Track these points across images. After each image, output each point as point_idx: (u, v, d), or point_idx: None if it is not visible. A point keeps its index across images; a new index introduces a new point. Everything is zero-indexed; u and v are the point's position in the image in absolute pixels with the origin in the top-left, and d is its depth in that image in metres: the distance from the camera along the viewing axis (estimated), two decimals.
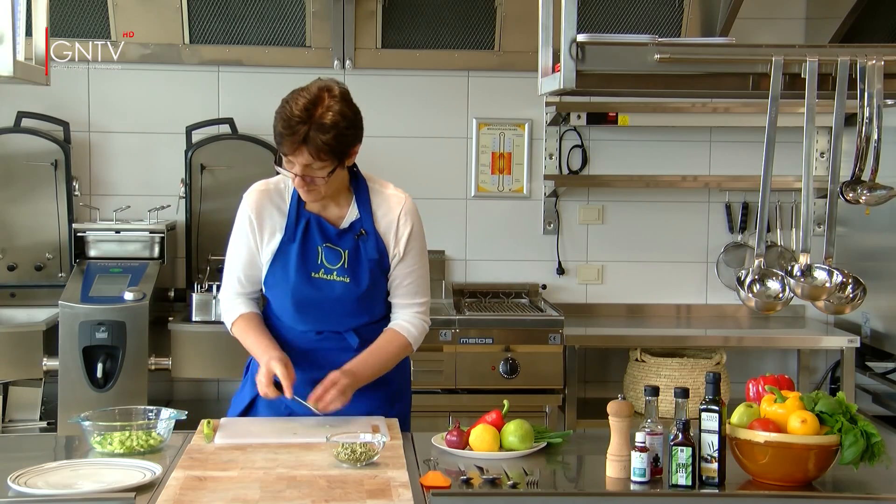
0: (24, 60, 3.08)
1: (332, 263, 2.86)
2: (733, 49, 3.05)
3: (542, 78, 3.05)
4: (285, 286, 2.87)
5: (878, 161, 3.07)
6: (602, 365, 4.92)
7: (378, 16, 4.76)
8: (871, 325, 4.60)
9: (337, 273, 2.86)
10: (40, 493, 2.23)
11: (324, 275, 2.86)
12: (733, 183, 4.89)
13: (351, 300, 2.87)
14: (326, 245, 2.87)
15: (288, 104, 2.72)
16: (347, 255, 2.87)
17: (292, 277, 2.85)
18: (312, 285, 2.86)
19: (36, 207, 4.63)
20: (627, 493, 2.34)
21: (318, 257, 2.86)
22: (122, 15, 4.68)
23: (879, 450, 2.31)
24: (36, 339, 4.19)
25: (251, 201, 2.90)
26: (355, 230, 2.88)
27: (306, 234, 2.86)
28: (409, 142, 4.94)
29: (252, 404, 2.97)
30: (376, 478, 2.35)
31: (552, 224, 4.98)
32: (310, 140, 2.68)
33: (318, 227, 2.87)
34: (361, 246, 2.88)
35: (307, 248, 2.86)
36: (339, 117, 2.72)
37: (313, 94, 2.73)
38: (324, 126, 2.69)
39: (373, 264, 2.88)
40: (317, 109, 2.70)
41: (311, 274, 2.86)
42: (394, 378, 2.99)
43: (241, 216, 2.92)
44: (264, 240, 2.88)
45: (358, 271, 2.87)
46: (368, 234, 2.88)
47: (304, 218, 2.87)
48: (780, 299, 3.14)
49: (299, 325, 2.91)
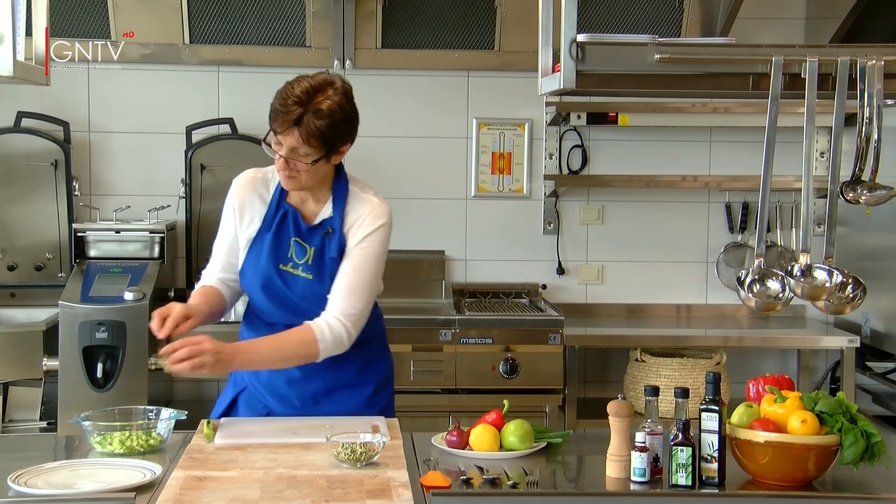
0: (24, 60, 3.08)
1: (298, 258, 2.87)
2: (733, 49, 3.05)
3: (542, 78, 3.05)
4: (256, 274, 2.88)
5: (878, 161, 3.07)
6: (602, 365, 4.92)
7: (378, 16, 4.76)
8: (871, 325, 4.60)
9: (302, 269, 2.86)
10: (40, 493, 2.23)
11: (291, 268, 2.87)
12: (733, 183, 4.89)
13: (314, 296, 2.85)
14: (296, 240, 2.88)
15: (291, 85, 2.75)
16: (313, 253, 2.87)
17: (263, 266, 2.86)
18: (281, 277, 2.86)
19: (36, 207, 4.63)
20: (627, 493, 2.34)
21: (288, 250, 2.87)
22: (122, 15, 4.68)
23: (879, 450, 2.31)
24: (36, 339, 4.19)
25: (237, 187, 2.95)
26: (324, 228, 2.88)
27: (281, 226, 2.88)
28: (409, 142, 4.94)
29: (233, 403, 2.98)
30: (376, 478, 2.35)
31: (552, 224, 4.98)
32: (303, 122, 2.70)
33: (293, 220, 2.88)
34: (327, 244, 2.87)
35: (280, 240, 2.87)
36: (337, 108, 2.75)
37: (318, 81, 2.76)
38: (320, 112, 2.71)
39: (334, 263, 2.86)
40: (317, 96, 2.73)
41: (279, 265, 2.86)
42: (372, 379, 2.98)
43: (228, 201, 2.96)
44: (243, 225, 2.90)
45: (321, 269, 2.86)
46: (335, 233, 2.87)
47: (282, 209, 2.89)
48: (780, 299, 3.14)
49: (270, 316, 2.91)
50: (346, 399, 2.94)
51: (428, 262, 4.92)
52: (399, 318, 4.41)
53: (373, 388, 2.98)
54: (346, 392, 2.94)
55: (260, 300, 2.91)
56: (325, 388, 2.93)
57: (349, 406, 2.92)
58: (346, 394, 2.94)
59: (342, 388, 2.94)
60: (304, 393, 2.91)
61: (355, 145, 2.90)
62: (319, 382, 2.92)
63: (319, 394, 2.93)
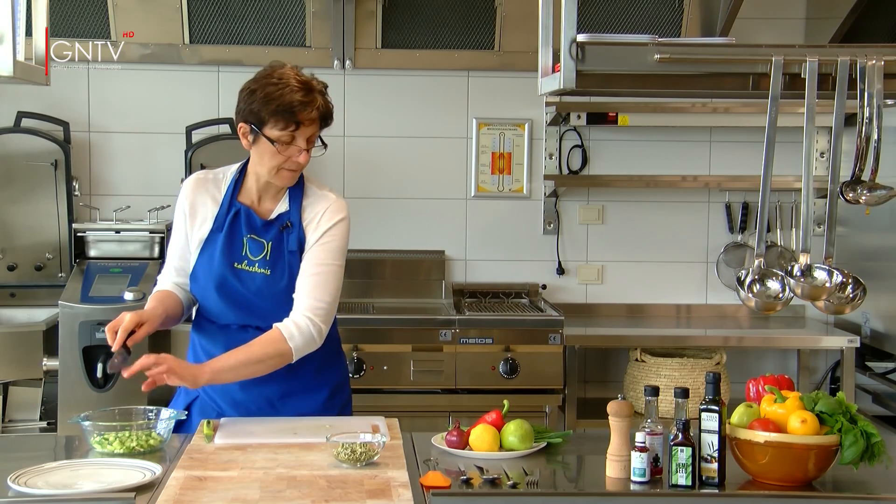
0: (24, 60, 3.08)
1: (254, 255, 2.85)
2: (733, 49, 3.05)
3: (542, 78, 3.05)
4: (209, 276, 2.85)
5: (878, 161, 3.07)
6: (602, 365, 4.92)
7: (378, 16, 4.76)
8: (871, 325, 4.60)
9: (258, 265, 2.85)
10: (40, 493, 2.23)
11: (246, 266, 2.84)
12: (733, 183, 4.89)
13: (271, 293, 2.83)
14: (251, 236, 2.86)
15: (281, 81, 2.75)
16: (270, 247, 2.85)
17: (216, 267, 2.84)
18: (235, 276, 2.84)
19: (36, 207, 4.63)
20: (627, 493, 2.34)
21: (242, 248, 2.85)
22: (122, 15, 4.68)
23: (879, 450, 2.31)
24: (36, 339, 4.19)
25: (187, 189, 2.93)
26: (281, 222, 2.87)
27: (233, 225, 2.86)
28: (409, 142, 4.93)
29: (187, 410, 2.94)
30: (376, 478, 2.35)
31: (552, 224, 4.98)
32: (322, 106, 2.76)
33: (246, 217, 2.86)
34: (285, 238, 2.85)
35: (233, 239, 2.85)
36: (324, 84, 2.83)
37: (290, 67, 2.81)
38: (322, 92, 2.79)
39: (293, 257, 2.84)
40: (309, 78, 2.79)
41: (234, 264, 2.84)
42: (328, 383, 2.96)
43: (178, 204, 2.93)
44: (195, 227, 2.88)
45: (279, 264, 2.84)
46: (293, 226, 2.86)
47: (234, 208, 2.87)
48: (780, 299, 3.14)
49: (223, 318, 2.88)
50: (302, 403, 2.91)
51: (428, 262, 4.92)
52: (399, 318, 4.42)
53: (328, 391, 2.96)
54: (301, 396, 2.91)
55: (213, 302, 2.87)
56: (281, 393, 2.90)
57: (305, 410, 2.90)
58: (302, 398, 2.91)
59: (298, 393, 2.91)
60: (259, 397, 2.88)
61: (356, 144, 2.93)
62: (275, 386, 2.88)
63: (275, 398, 2.90)
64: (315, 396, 2.93)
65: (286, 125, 2.73)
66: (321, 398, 2.94)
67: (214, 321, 2.91)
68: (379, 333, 4.34)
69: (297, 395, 2.91)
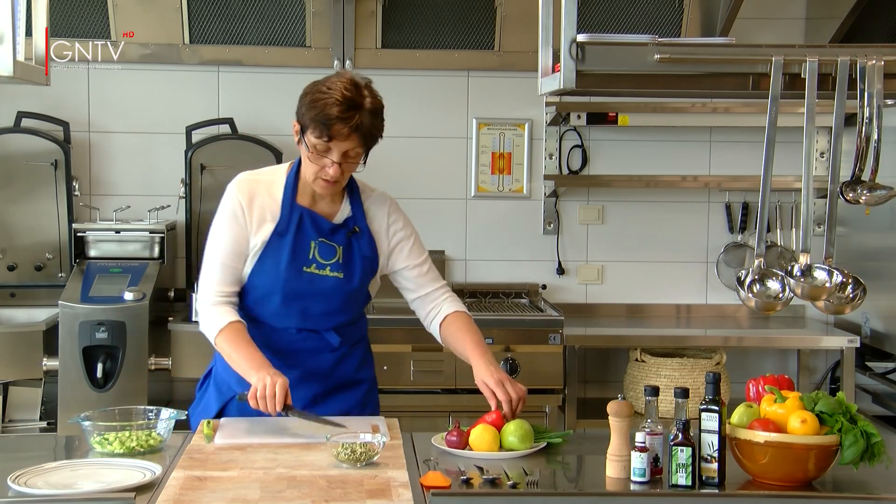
0: (24, 60, 3.08)
1: (325, 258, 2.85)
2: (733, 49, 3.05)
3: (542, 78, 3.05)
4: (275, 279, 2.83)
5: (878, 161, 3.07)
6: (602, 365, 4.92)
7: (378, 16, 4.76)
8: (871, 325, 4.60)
9: (331, 268, 2.85)
10: (40, 493, 2.23)
11: (316, 269, 2.84)
12: (733, 183, 4.89)
13: (341, 296, 2.85)
14: (321, 240, 2.85)
15: (329, 90, 2.70)
16: (342, 251, 2.86)
17: (283, 271, 2.82)
18: (303, 279, 2.83)
19: (36, 207, 4.63)
20: (627, 493, 2.34)
21: (310, 252, 2.84)
22: (122, 15, 4.68)
23: (879, 450, 2.31)
24: (36, 339, 4.19)
25: (241, 187, 2.86)
26: (349, 227, 2.88)
27: (300, 228, 2.84)
28: (409, 142, 4.93)
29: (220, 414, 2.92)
30: (376, 478, 2.35)
31: (552, 224, 4.98)
32: (363, 125, 2.70)
33: (312, 221, 2.85)
34: (355, 243, 2.88)
35: (300, 242, 2.84)
36: (381, 103, 2.77)
37: (350, 79, 2.74)
38: (372, 110, 2.73)
39: (366, 262, 2.88)
40: (362, 95, 2.72)
41: (302, 268, 2.83)
42: (366, 378, 2.99)
43: (228, 203, 2.85)
44: (254, 227, 2.83)
45: (352, 267, 2.86)
46: (362, 232, 2.88)
47: (297, 211, 2.85)
48: (780, 299, 3.14)
49: (280, 322, 2.87)
50: (345, 399, 2.93)
51: None
52: (399, 318, 4.39)
53: (367, 386, 3.00)
54: (344, 392, 2.94)
55: (274, 305, 2.85)
56: (325, 390, 2.92)
57: (347, 406, 2.91)
58: (344, 394, 2.93)
59: (340, 389, 2.94)
60: (305, 396, 2.88)
61: None
62: (319, 385, 2.91)
63: (319, 395, 2.91)
64: (355, 392, 2.95)
65: (320, 135, 2.71)
66: (360, 393, 2.96)
67: (267, 324, 2.88)
68: (379, 333, 4.31)
69: (340, 391, 2.92)
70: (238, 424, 2.80)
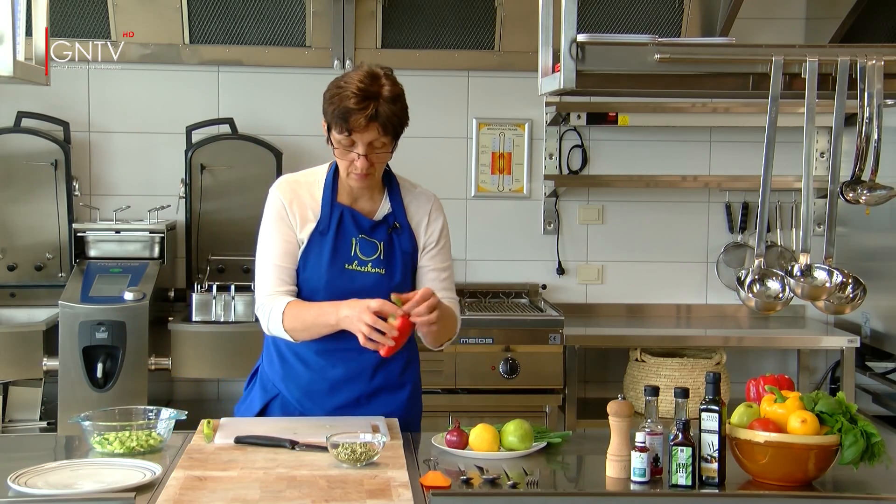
0: (24, 60, 3.08)
1: (366, 255, 2.86)
2: (733, 49, 3.05)
3: (542, 78, 3.05)
4: (318, 277, 2.84)
5: (878, 161, 3.07)
6: (602, 365, 4.92)
7: (378, 16, 4.76)
8: (871, 325, 4.60)
9: (372, 265, 2.85)
10: (40, 493, 2.23)
11: (357, 266, 2.85)
12: (733, 183, 4.89)
13: (383, 292, 2.81)
14: (362, 237, 2.87)
15: (346, 84, 2.73)
16: (383, 247, 2.87)
17: (325, 268, 2.83)
18: (346, 277, 2.84)
19: (36, 207, 4.63)
20: (627, 493, 2.34)
21: (351, 249, 2.86)
22: (122, 15, 4.68)
23: (879, 450, 2.31)
24: (36, 339, 4.19)
25: (283, 189, 2.89)
26: (389, 223, 2.89)
27: (340, 226, 2.86)
28: (409, 142, 4.85)
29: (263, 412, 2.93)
30: (376, 478, 2.35)
31: (552, 224, 4.98)
32: (380, 114, 2.72)
33: (353, 218, 2.87)
34: (395, 239, 2.89)
35: (341, 240, 2.85)
36: (400, 90, 2.79)
37: (366, 71, 2.76)
38: (390, 98, 2.74)
39: (406, 258, 2.89)
40: (380, 84, 2.74)
41: (344, 265, 2.84)
42: (410, 380, 2.97)
43: (272, 206, 2.88)
44: (298, 225, 2.86)
45: (393, 263, 2.87)
46: (402, 228, 2.90)
47: (337, 209, 2.86)
48: (780, 299, 3.14)
49: None
50: (388, 401, 2.91)
51: None
52: None
53: (410, 389, 2.96)
54: (387, 394, 2.91)
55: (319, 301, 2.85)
56: (370, 391, 2.90)
57: (390, 408, 2.88)
58: (388, 396, 2.91)
59: (385, 391, 2.91)
60: (349, 397, 2.88)
61: None
62: (364, 385, 2.89)
63: (363, 397, 2.90)
64: (398, 395, 2.93)
65: (341, 129, 2.74)
66: (403, 397, 2.94)
67: None
68: None
69: (384, 393, 2.91)
70: (238, 425, 2.80)
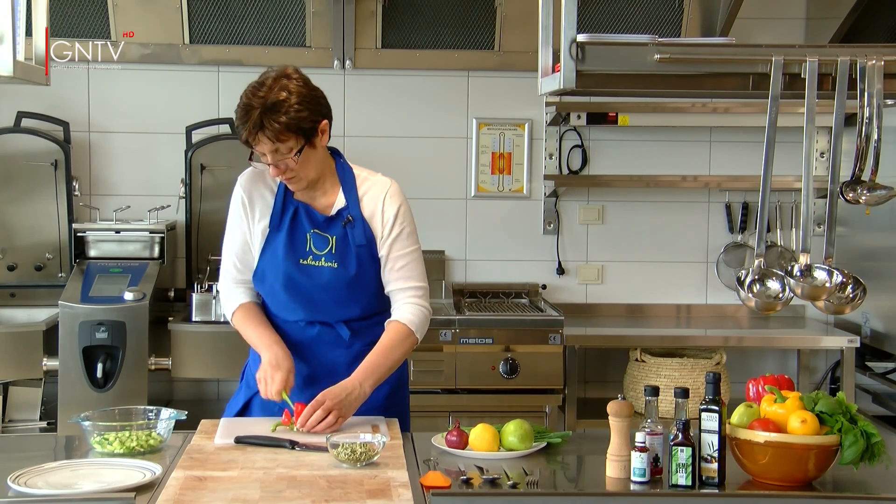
0: (24, 60, 3.08)
1: (319, 249, 2.87)
2: (733, 49, 3.05)
3: (542, 78, 3.05)
4: (275, 272, 2.87)
5: (878, 161, 3.07)
6: (602, 365, 4.92)
7: (378, 16, 4.76)
8: (871, 325, 4.60)
9: (325, 259, 2.86)
10: (40, 493, 2.23)
11: (312, 261, 2.87)
12: (733, 183, 4.89)
13: (339, 286, 2.86)
14: (314, 231, 2.88)
15: (242, 97, 2.78)
16: (335, 241, 2.87)
17: (281, 263, 2.86)
18: (302, 271, 2.86)
19: (36, 207, 4.63)
20: (627, 493, 2.34)
21: (306, 244, 2.87)
22: (122, 15, 4.68)
23: (879, 450, 2.31)
24: (36, 339, 4.19)
25: (243, 182, 2.95)
26: (342, 217, 2.89)
27: (294, 222, 2.88)
28: (409, 142, 4.93)
29: (247, 406, 2.97)
30: (376, 478, 2.35)
31: (552, 224, 4.98)
32: (264, 125, 2.71)
33: (307, 214, 2.89)
34: (349, 232, 2.88)
35: (295, 236, 2.87)
36: (287, 94, 2.74)
37: (262, 79, 2.79)
38: (273, 107, 2.71)
39: (361, 250, 2.87)
40: (267, 93, 2.73)
41: (299, 260, 2.86)
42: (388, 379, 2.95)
43: (234, 198, 2.95)
44: (255, 219, 2.90)
45: (346, 256, 2.87)
46: (355, 221, 2.88)
47: (291, 206, 2.89)
48: (780, 299, 3.14)
49: (290, 314, 2.91)
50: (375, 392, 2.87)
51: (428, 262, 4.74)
52: None
53: (388, 389, 2.95)
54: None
55: (280, 299, 2.90)
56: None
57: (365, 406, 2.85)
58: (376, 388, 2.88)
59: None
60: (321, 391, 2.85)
61: (356, 144, 2.92)
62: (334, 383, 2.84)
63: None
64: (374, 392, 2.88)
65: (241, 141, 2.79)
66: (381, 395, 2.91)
67: (279, 316, 2.94)
68: None
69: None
70: (239, 425, 2.80)
